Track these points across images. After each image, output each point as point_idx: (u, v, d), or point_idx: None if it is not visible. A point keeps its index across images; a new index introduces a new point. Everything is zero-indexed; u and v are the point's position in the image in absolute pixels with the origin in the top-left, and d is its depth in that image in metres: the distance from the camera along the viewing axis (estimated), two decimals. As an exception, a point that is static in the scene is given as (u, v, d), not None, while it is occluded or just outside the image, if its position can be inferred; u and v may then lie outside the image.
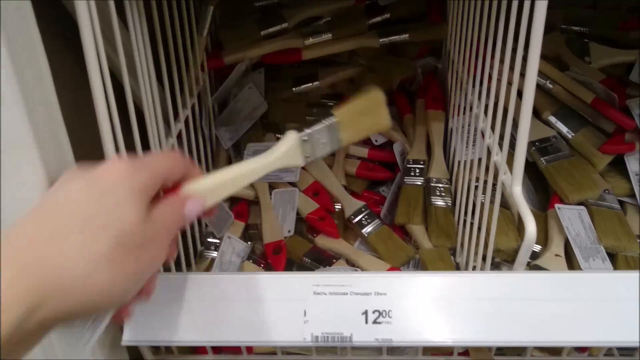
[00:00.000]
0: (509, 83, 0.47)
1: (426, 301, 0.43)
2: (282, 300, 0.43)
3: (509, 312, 0.43)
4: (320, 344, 0.42)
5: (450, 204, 0.68)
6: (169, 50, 0.56)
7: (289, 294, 0.43)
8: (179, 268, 0.61)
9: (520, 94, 0.42)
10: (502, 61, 0.47)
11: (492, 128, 0.50)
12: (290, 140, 0.41)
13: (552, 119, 0.71)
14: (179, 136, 0.61)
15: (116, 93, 0.41)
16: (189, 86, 0.64)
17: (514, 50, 0.44)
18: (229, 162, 0.76)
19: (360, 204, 0.69)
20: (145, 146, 0.50)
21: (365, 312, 0.43)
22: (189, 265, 0.65)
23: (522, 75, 0.41)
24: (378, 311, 0.43)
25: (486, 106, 0.53)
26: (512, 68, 0.45)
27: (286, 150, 0.41)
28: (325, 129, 0.41)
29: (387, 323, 0.43)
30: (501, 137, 0.48)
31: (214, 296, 0.43)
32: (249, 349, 0.55)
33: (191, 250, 0.64)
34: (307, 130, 0.41)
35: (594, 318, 0.43)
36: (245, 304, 0.43)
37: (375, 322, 0.43)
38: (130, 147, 0.45)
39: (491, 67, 0.50)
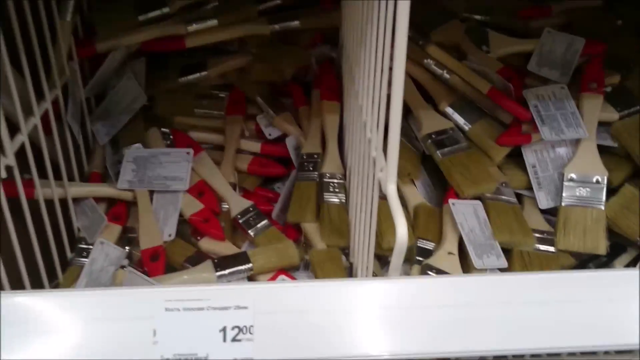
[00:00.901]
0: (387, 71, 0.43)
1: (292, 314, 0.39)
2: (128, 319, 0.38)
3: (389, 321, 0.39)
4: (171, 367, 0.37)
5: (344, 201, 0.64)
6: (15, 33, 0.50)
7: (136, 311, 0.38)
8: (38, 282, 0.54)
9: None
10: (378, 50, 0.44)
11: (372, 120, 0.47)
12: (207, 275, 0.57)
13: (449, 110, 0.69)
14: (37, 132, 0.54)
15: None
16: (49, 76, 0.57)
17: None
18: (103, 159, 0.69)
19: (248, 203, 0.64)
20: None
21: (224, 329, 0.38)
22: (54, 277, 0.58)
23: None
24: (238, 327, 0.38)
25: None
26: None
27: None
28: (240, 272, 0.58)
29: (248, 340, 0.38)
30: (383, 132, 0.44)
31: (46, 318, 0.37)
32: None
33: (56, 259, 0.58)
34: (223, 272, 0.57)
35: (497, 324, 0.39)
36: (84, 325, 0.37)
37: (234, 339, 0.38)
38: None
39: (370, 56, 0.46)
